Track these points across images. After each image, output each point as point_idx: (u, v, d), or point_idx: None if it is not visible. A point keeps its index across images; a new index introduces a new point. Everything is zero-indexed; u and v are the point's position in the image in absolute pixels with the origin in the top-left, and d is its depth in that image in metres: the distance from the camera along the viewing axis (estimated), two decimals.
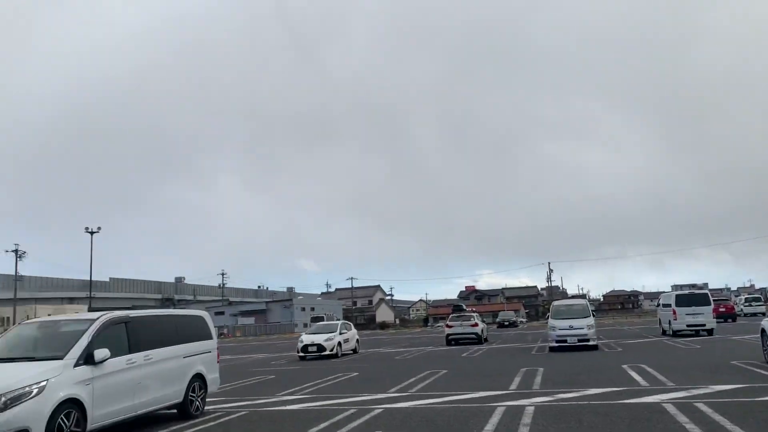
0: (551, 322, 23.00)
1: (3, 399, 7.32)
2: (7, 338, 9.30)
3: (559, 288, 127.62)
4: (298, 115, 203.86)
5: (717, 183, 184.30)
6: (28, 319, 11.83)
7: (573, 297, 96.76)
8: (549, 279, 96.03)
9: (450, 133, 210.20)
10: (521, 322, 79.94)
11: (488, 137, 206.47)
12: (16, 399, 7.40)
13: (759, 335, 15.74)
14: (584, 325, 22.17)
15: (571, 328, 22.17)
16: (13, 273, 70.13)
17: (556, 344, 22.21)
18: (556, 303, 25.78)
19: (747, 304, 53.59)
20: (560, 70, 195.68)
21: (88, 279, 66.05)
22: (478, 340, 30.65)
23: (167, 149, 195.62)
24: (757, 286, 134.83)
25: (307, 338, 25.76)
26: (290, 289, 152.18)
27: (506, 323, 63.73)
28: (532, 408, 9.82)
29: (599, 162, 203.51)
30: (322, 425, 9.19)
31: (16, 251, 67.12)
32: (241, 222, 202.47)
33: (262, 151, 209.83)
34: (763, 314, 13.57)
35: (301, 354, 25.05)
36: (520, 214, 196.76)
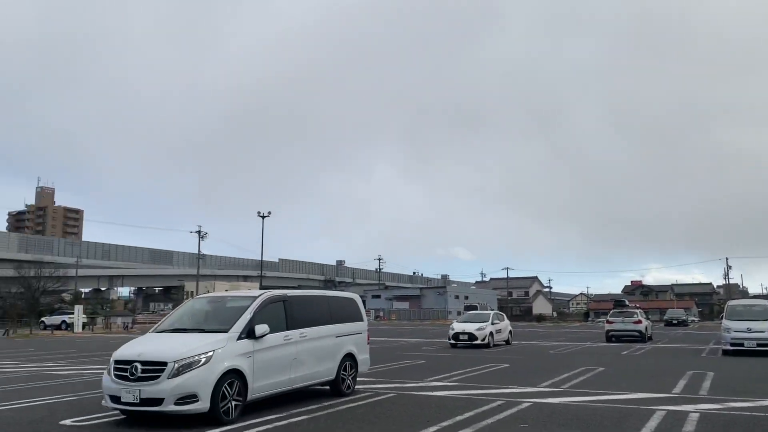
0: (725, 323, 21.00)
1: (176, 365, 8.10)
2: (181, 311, 10.27)
3: (738, 286, 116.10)
4: (453, 102, 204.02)
5: None
6: (207, 293, 13.00)
7: (754, 297, 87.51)
8: (726, 276, 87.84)
9: (614, 118, 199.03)
10: (692, 321, 73.95)
11: (657, 122, 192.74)
12: (186, 366, 8.15)
13: None
14: (765, 328, 19.95)
15: (749, 330, 20.08)
16: (197, 252, 77.57)
17: (731, 347, 20.25)
18: (732, 302, 23.49)
19: None
20: (741, 48, 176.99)
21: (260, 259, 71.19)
22: (641, 338, 28.81)
23: (329, 141, 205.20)
24: None
25: (458, 326, 25.75)
26: (444, 277, 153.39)
27: (674, 321, 59.31)
28: (697, 415, 9.01)
29: None
30: (468, 414, 9.12)
31: (199, 232, 74.02)
32: (396, 209, 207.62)
33: (417, 141, 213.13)
34: None
35: (452, 341, 25.10)
36: (693, 205, 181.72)
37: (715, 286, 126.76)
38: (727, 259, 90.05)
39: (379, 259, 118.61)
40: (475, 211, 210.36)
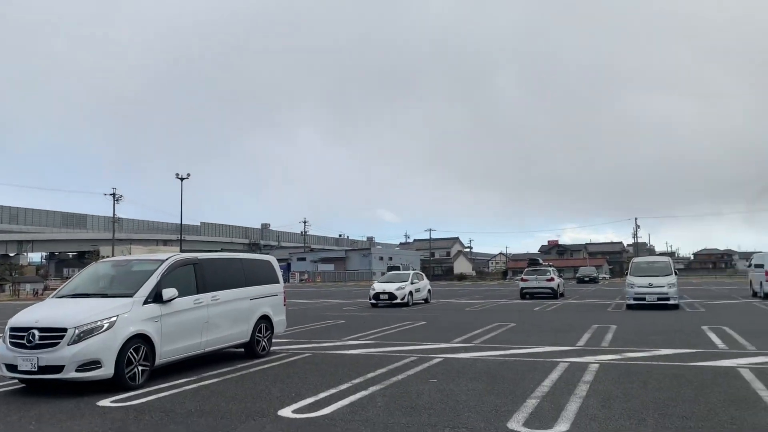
0: (630, 279, 22.23)
1: (76, 331, 7.79)
2: (84, 276, 9.84)
3: (646, 245, 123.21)
4: (377, 65, 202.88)
5: None
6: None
7: (660, 254, 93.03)
8: (635, 235, 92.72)
9: (532, 83, 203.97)
10: (603, 278, 77.95)
11: (572, 88, 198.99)
12: (88, 332, 7.84)
13: None
14: (665, 283, 21.28)
15: (650, 285, 21.35)
16: (112, 215, 74.57)
17: (634, 302, 21.49)
18: (636, 259, 24.86)
19: None
20: (650, 17, 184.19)
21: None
22: (554, 294, 30.11)
23: (252, 102, 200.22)
24: None
25: (378, 286, 26.11)
26: (370, 239, 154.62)
27: (586, 279, 62.25)
28: (597, 365, 9.52)
29: (692, 115, 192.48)
30: (380, 371, 9.28)
31: (113, 195, 71.07)
32: (322, 172, 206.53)
33: (342, 103, 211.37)
34: None
35: (373, 301, 25.46)
36: (606, 168, 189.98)
37: (625, 245, 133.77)
38: (636, 219, 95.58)
39: (305, 222, 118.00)
40: (400, 173, 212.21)
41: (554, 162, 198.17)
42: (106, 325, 7.98)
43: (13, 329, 8.14)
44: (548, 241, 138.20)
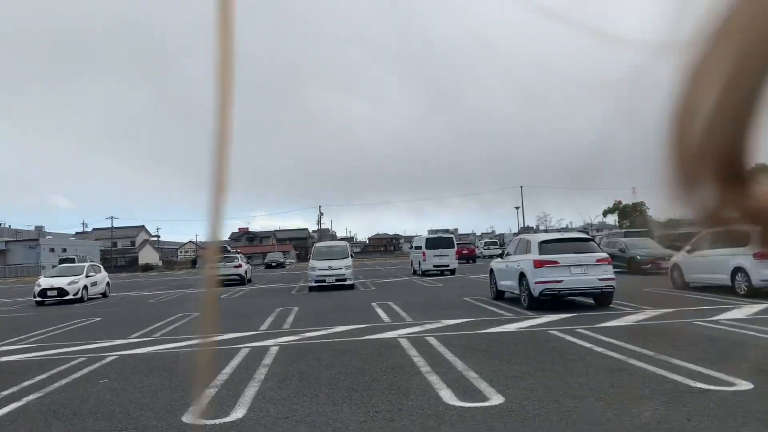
0: (312, 262, 23.54)
1: None
2: None
3: (329, 230, 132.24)
4: (44, 31, 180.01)
5: (468, 142, 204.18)
6: None
7: (340, 239, 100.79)
8: (319, 222, 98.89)
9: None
10: (290, 263, 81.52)
11: (260, 78, 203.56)
12: None
13: (488, 275, 17.64)
14: (342, 266, 23.02)
15: (330, 268, 22.89)
16: None
17: (315, 284, 22.82)
18: (317, 245, 26.44)
19: (486, 247, 61.24)
20: (335, 22, 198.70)
21: None
22: (242, 281, 30.41)
23: None
24: (497, 232, 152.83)
25: (45, 282, 23.19)
26: (39, 228, 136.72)
27: (274, 264, 64.33)
28: (277, 348, 9.81)
29: (366, 114, 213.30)
30: (40, 377, 8.19)
31: None
32: None
33: None
34: (499, 256, 15.97)
35: (39, 299, 22.50)
36: (292, 158, 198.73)
37: (310, 231, 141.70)
38: (320, 207, 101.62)
39: None
40: (76, 156, 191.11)
41: (245, 150, 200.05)
42: None
43: None
44: (239, 229, 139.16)
